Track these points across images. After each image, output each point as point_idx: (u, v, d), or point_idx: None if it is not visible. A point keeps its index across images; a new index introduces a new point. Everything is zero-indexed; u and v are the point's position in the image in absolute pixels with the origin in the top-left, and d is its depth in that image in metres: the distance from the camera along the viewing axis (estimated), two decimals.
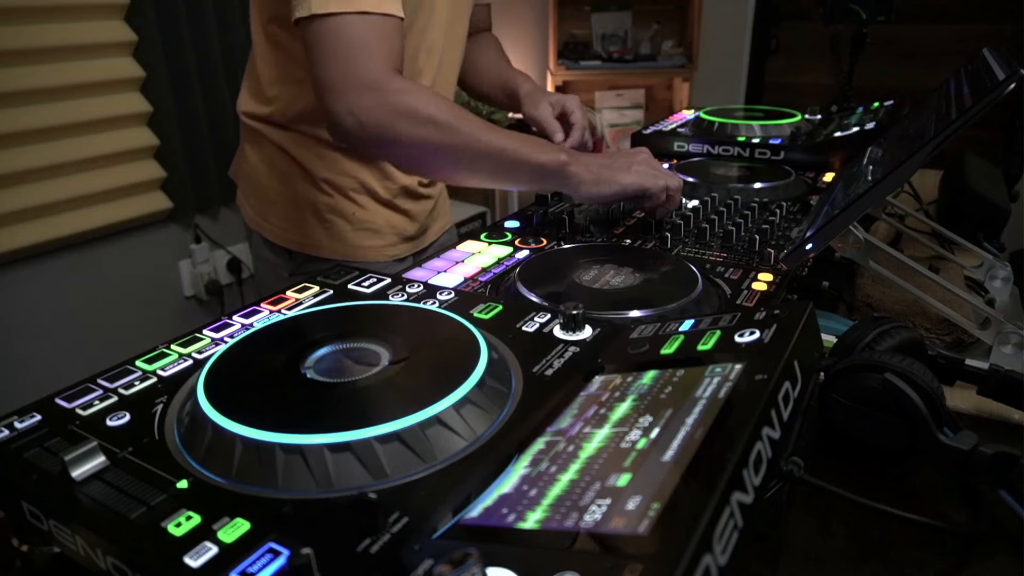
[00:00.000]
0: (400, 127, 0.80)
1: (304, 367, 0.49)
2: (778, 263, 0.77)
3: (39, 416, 0.47)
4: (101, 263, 1.99)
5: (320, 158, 1.02)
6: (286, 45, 0.95)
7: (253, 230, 1.11)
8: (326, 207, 1.04)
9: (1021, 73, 0.60)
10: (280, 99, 1.00)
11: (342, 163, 1.02)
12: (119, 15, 1.86)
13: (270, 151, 1.04)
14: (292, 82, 0.97)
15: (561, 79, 2.99)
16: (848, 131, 1.23)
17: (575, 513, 0.33)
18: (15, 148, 1.72)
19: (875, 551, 0.48)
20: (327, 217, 1.04)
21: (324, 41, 0.79)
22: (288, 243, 1.07)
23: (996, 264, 0.83)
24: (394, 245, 1.11)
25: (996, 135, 1.18)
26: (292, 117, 1.00)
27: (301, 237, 1.06)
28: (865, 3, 1.41)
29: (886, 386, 0.51)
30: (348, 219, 1.05)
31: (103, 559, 0.37)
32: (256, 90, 1.03)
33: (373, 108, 0.79)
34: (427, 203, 1.15)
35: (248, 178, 1.10)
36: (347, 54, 0.79)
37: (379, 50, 0.80)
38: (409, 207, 1.11)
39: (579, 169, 0.84)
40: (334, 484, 0.39)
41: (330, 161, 1.02)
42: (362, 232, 1.07)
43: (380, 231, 1.08)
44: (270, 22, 0.95)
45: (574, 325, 0.55)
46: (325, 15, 0.78)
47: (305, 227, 1.05)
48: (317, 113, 0.96)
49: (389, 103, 0.79)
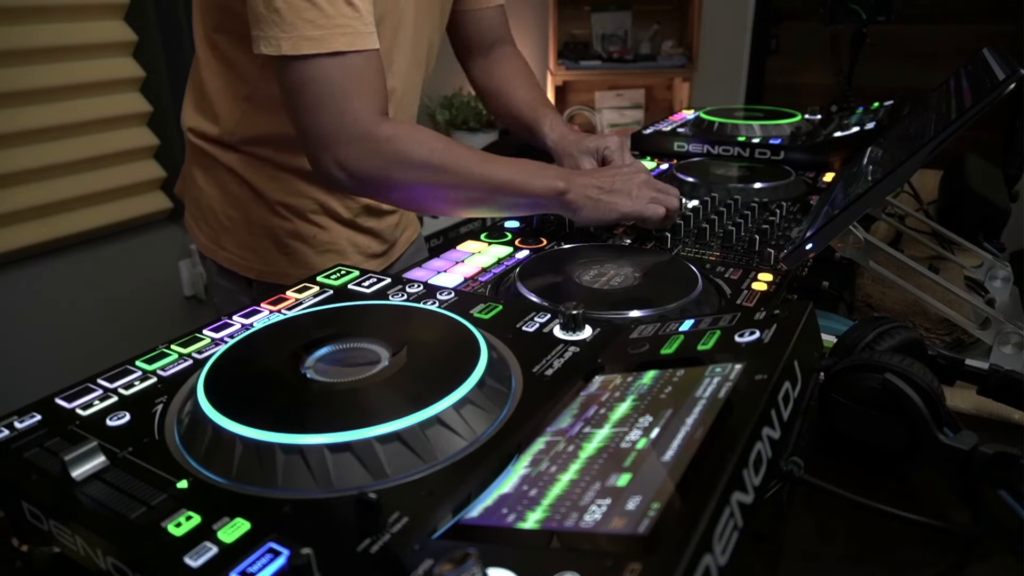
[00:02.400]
0: (394, 175, 0.78)
1: (304, 367, 0.49)
2: (778, 263, 0.77)
3: (39, 416, 0.47)
4: (101, 263, 1.99)
5: (274, 180, 0.95)
6: (232, 59, 0.88)
7: (207, 257, 1.04)
8: (284, 232, 0.97)
9: (1021, 73, 0.60)
10: (227, 117, 0.92)
11: (298, 184, 0.96)
12: (119, 15, 1.86)
13: (219, 173, 0.96)
14: (240, 98, 0.91)
15: (561, 79, 2.99)
16: (848, 131, 1.23)
17: (575, 513, 0.33)
18: (15, 148, 1.72)
19: (875, 551, 0.48)
20: (286, 242, 0.98)
21: (304, 90, 0.75)
22: (246, 271, 1.00)
23: (996, 264, 0.83)
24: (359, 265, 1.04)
25: (996, 135, 1.18)
26: (242, 138, 0.93)
27: (260, 265, 0.99)
28: (865, 3, 1.41)
29: (886, 386, 0.51)
30: (309, 243, 0.99)
31: (103, 559, 0.37)
32: (200, 105, 0.95)
33: (364, 159, 0.77)
34: (392, 218, 1.09)
35: (197, 203, 1.02)
36: (331, 105, 0.75)
37: (363, 95, 0.76)
38: (373, 225, 1.05)
39: (577, 197, 0.83)
40: (334, 484, 0.39)
41: (285, 183, 0.95)
42: (326, 255, 1.00)
43: (344, 252, 1.02)
44: (215, 30, 0.88)
45: (574, 325, 0.55)
46: (298, 58, 0.73)
47: (263, 254, 0.98)
48: (269, 134, 0.92)
49: (381, 152, 0.77)
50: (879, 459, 0.54)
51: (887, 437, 0.52)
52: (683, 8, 3.00)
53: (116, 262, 2.02)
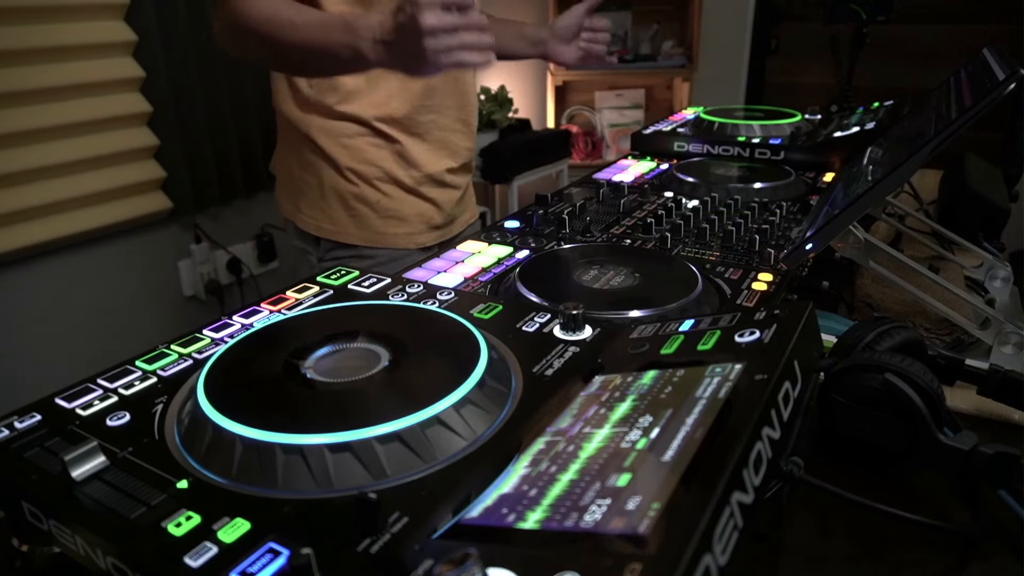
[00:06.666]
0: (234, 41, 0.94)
1: (304, 367, 0.49)
2: (778, 263, 0.77)
3: (39, 416, 0.47)
4: (101, 263, 1.99)
5: (345, 148, 1.07)
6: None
7: (288, 219, 1.16)
8: (351, 195, 1.09)
9: (1021, 73, 0.60)
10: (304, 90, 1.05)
11: (366, 152, 1.08)
12: (119, 15, 1.86)
13: (297, 142, 1.09)
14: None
15: (561, 79, 2.99)
16: (848, 131, 1.23)
17: (575, 513, 0.33)
18: (15, 148, 1.72)
19: (875, 551, 0.48)
20: (352, 205, 1.09)
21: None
22: (316, 231, 1.12)
23: (996, 264, 0.83)
24: (421, 233, 1.14)
25: (996, 135, 1.18)
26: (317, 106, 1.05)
27: (329, 224, 1.11)
28: (865, 3, 1.41)
29: (886, 386, 0.51)
30: (373, 207, 1.10)
31: (103, 559, 0.37)
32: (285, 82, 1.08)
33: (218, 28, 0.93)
34: (454, 192, 1.19)
35: (282, 170, 1.16)
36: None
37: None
38: (436, 195, 1.15)
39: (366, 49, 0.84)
40: (334, 484, 0.39)
41: (354, 151, 1.07)
42: (387, 219, 1.11)
43: (406, 219, 1.13)
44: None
45: (574, 325, 0.55)
46: None
47: (332, 215, 1.10)
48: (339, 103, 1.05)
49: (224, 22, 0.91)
50: (879, 459, 0.54)
51: (887, 437, 0.52)
52: (683, 8, 3.00)
53: (116, 262, 2.02)
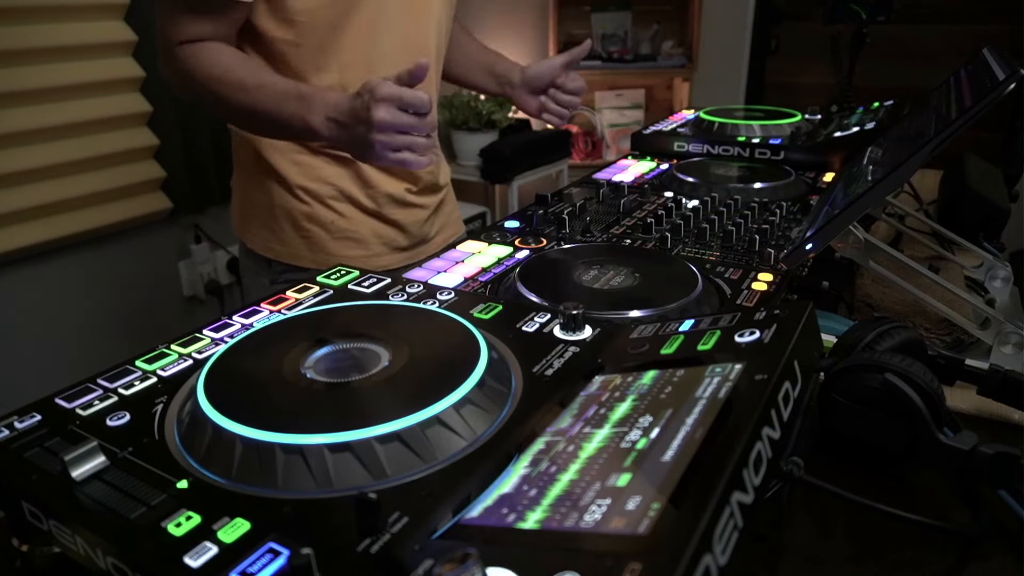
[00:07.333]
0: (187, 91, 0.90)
1: (304, 367, 0.49)
2: (778, 263, 0.77)
3: (39, 416, 0.47)
4: (101, 263, 1.99)
5: (296, 164, 0.99)
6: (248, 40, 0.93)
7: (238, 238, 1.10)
8: (303, 215, 1.01)
9: (1021, 73, 0.60)
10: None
11: (320, 170, 1.00)
12: (119, 15, 1.86)
13: (248, 157, 1.02)
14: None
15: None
16: (848, 131, 1.23)
17: (575, 513, 0.33)
18: (15, 148, 1.72)
19: (875, 551, 0.48)
20: (304, 226, 1.01)
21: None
22: (266, 252, 1.05)
23: (996, 264, 0.83)
24: (381, 256, 1.07)
25: (996, 135, 1.18)
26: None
27: (278, 246, 1.04)
28: (865, 3, 1.41)
29: (886, 386, 0.51)
30: (326, 228, 1.02)
31: (103, 559, 0.37)
32: None
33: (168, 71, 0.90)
34: (420, 212, 1.10)
35: (234, 187, 1.09)
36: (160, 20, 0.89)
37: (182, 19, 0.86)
38: (399, 216, 1.07)
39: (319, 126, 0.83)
40: (334, 484, 0.39)
41: (306, 168, 1.00)
42: (343, 241, 1.03)
43: (364, 241, 1.05)
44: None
45: (574, 325, 0.55)
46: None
47: (282, 236, 1.03)
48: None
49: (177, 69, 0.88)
50: (879, 459, 0.54)
51: (887, 437, 0.52)
52: (683, 8, 3.00)
53: (116, 262, 2.02)
